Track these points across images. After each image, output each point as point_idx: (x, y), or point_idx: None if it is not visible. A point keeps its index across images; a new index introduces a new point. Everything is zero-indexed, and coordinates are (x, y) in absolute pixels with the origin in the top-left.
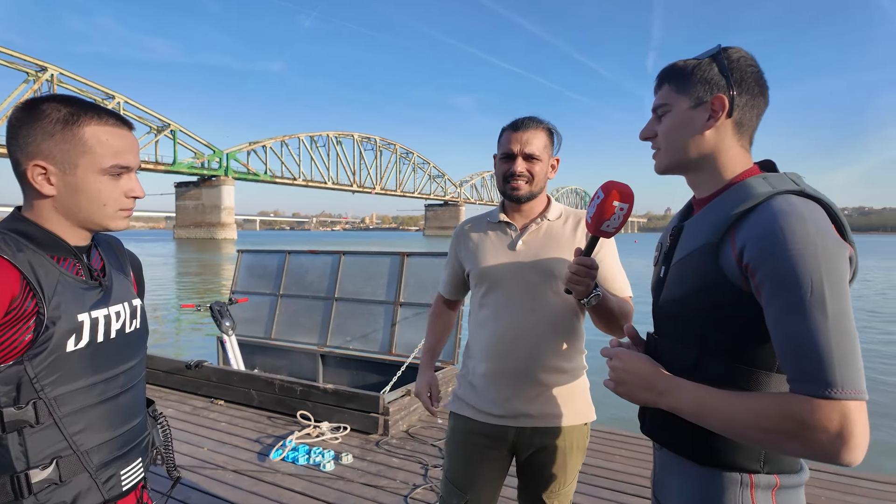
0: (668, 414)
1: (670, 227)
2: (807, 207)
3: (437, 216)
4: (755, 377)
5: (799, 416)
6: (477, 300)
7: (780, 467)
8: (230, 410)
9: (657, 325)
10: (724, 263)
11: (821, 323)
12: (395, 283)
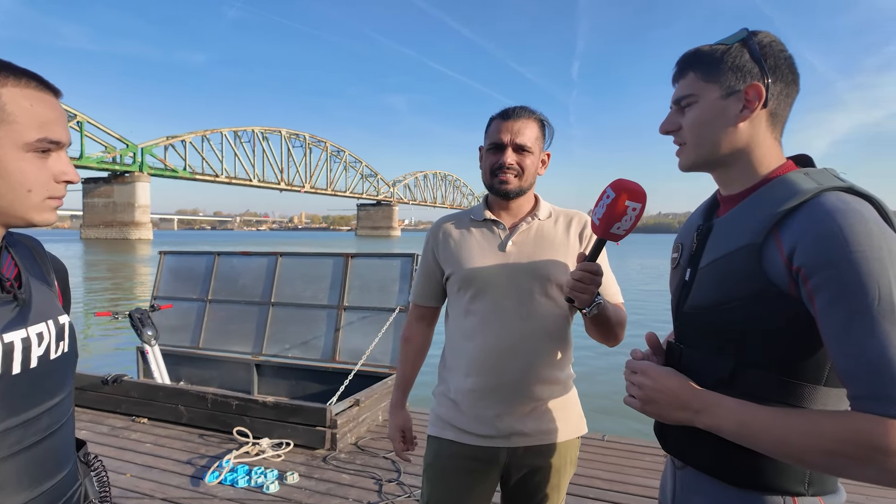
0: (697, 429)
1: (694, 225)
2: (862, 206)
3: (369, 216)
4: (800, 391)
5: (870, 439)
6: (461, 307)
7: (823, 489)
8: (155, 429)
9: (682, 333)
10: (770, 267)
11: (891, 334)
12: (338, 285)
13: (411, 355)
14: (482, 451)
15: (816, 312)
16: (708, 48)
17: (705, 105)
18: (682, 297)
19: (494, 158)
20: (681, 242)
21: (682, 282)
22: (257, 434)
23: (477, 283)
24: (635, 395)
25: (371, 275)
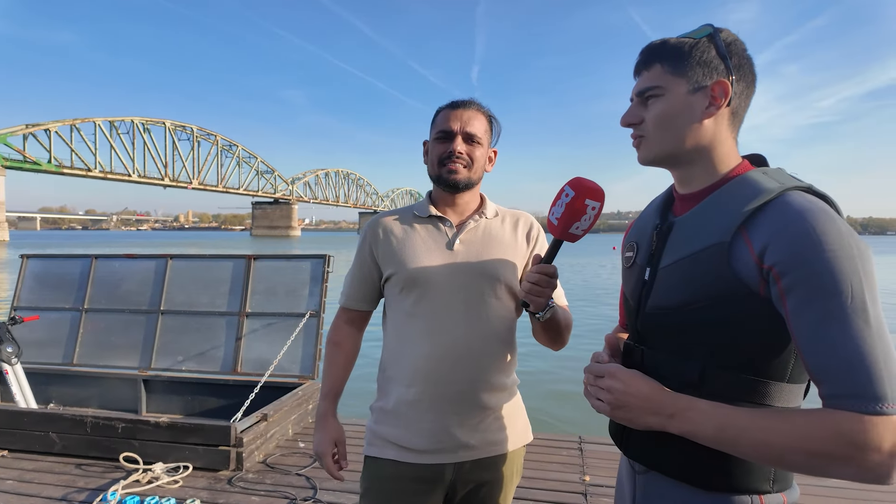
0: (663, 433)
1: (650, 223)
2: (826, 205)
3: (266, 215)
4: (765, 389)
5: (850, 436)
6: (403, 310)
7: (785, 485)
8: (20, 462)
9: (643, 334)
10: (739, 266)
11: (864, 331)
12: (239, 290)
13: (341, 360)
14: (427, 470)
15: (788, 312)
16: (676, 41)
17: (672, 98)
18: (643, 297)
19: (443, 147)
20: (635, 241)
21: (642, 282)
22: (148, 459)
23: (422, 283)
24: (604, 400)
25: (278, 278)
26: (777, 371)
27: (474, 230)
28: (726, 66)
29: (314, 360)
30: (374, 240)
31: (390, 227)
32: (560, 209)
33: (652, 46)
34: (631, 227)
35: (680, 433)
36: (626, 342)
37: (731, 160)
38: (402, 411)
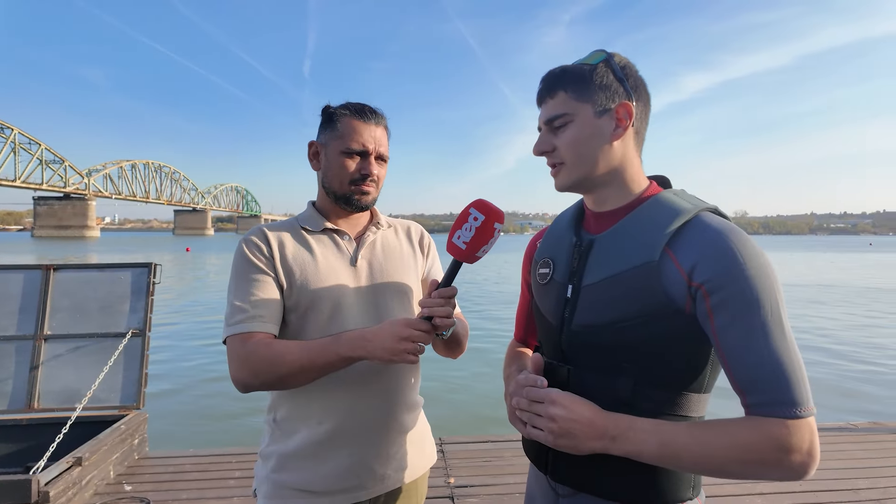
0: (595, 456)
1: (566, 240)
2: (735, 225)
3: (53, 212)
4: (687, 401)
5: (779, 440)
6: (307, 336)
7: (699, 489)
8: None
9: (569, 353)
10: (668, 284)
11: (783, 344)
12: (33, 308)
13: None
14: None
15: (715, 327)
16: (575, 67)
17: (581, 124)
18: (567, 315)
19: (355, 166)
20: (550, 258)
21: (564, 299)
22: None
23: (329, 304)
24: (545, 429)
25: (88, 292)
26: (697, 384)
27: (373, 243)
28: (625, 88)
29: (139, 386)
30: (269, 251)
31: (282, 241)
32: (469, 233)
33: (553, 74)
34: (538, 241)
35: (623, 454)
36: (547, 361)
37: (641, 180)
38: (311, 452)
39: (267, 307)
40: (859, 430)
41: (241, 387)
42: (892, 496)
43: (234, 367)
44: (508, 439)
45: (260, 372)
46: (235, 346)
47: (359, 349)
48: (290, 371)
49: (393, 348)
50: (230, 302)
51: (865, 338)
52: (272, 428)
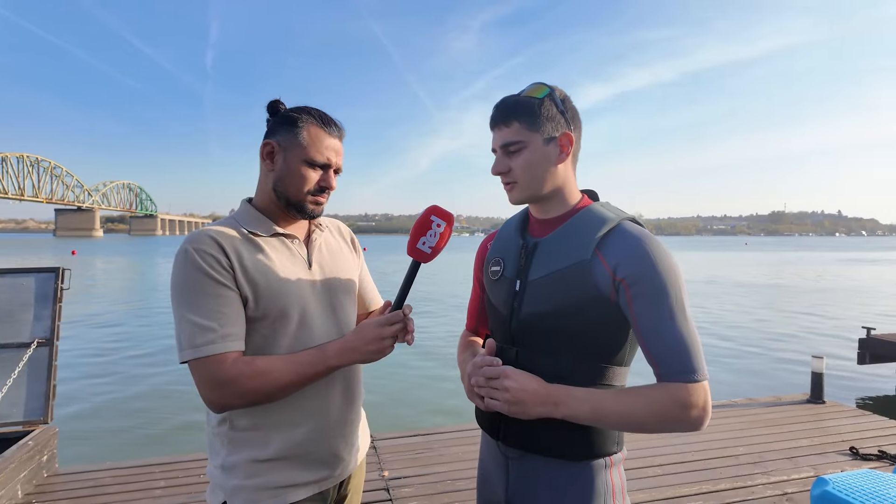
0: (541, 422)
1: (514, 242)
2: (648, 231)
3: None
4: (612, 373)
5: (683, 400)
6: (277, 345)
7: (622, 445)
8: None
9: (517, 337)
10: (598, 278)
11: (684, 325)
12: None
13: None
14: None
15: (634, 313)
16: (525, 100)
17: (532, 150)
18: (516, 305)
19: (315, 177)
20: (501, 258)
21: (513, 292)
22: None
23: (297, 312)
24: (500, 399)
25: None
26: (619, 358)
27: (321, 246)
28: (566, 119)
29: (47, 399)
30: (229, 264)
31: (237, 248)
32: (434, 239)
33: (508, 106)
34: (488, 244)
35: (563, 417)
36: (499, 345)
37: (576, 193)
38: (291, 454)
39: (234, 324)
40: (738, 405)
41: (218, 408)
42: (765, 459)
43: (209, 389)
44: (437, 432)
45: (247, 393)
46: (211, 369)
47: (348, 358)
48: (277, 388)
49: (380, 349)
50: (188, 320)
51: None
52: (230, 437)
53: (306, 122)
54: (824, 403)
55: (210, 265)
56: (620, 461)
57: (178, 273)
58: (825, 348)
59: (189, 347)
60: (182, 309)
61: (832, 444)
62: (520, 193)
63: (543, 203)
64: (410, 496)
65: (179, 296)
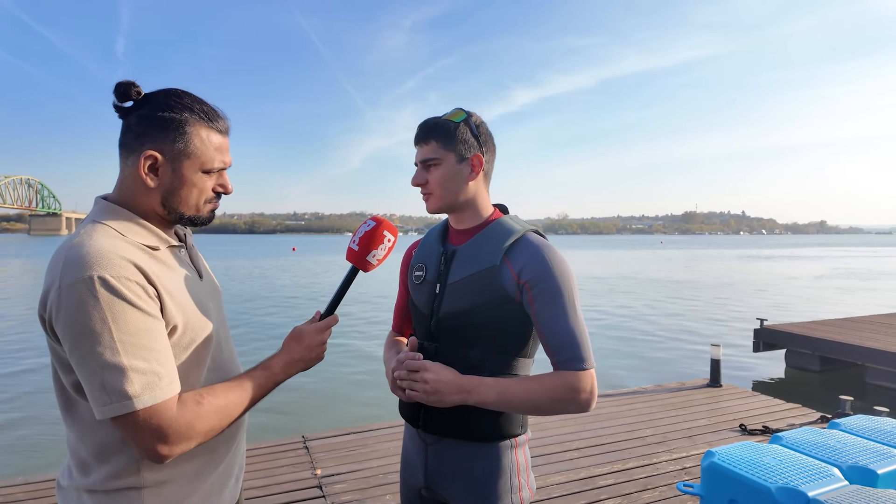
0: (456, 409)
1: (435, 250)
2: (548, 241)
3: None
4: (517, 363)
5: (574, 385)
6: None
7: (525, 428)
8: None
9: (436, 334)
10: (505, 281)
11: (575, 321)
12: None
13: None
14: None
15: (535, 310)
16: (444, 123)
17: (447, 167)
18: (436, 306)
19: (216, 183)
20: (423, 263)
21: (434, 294)
22: None
23: (215, 329)
24: (419, 390)
25: None
26: (524, 351)
27: (193, 251)
28: (478, 143)
29: None
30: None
31: (154, 271)
32: (384, 252)
33: (428, 127)
34: (413, 251)
35: (475, 403)
36: (420, 342)
37: (488, 207)
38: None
39: (170, 360)
40: (647, 391)
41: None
42: (668, 438)
43: (157, 441)
44: (370, 428)
45: (202, 435)
46: (159, 419)
47: (294, 370)
48: (231, 421)
49: (320, 354)
50: (116, 365)
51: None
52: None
53: (192, 123)
54: (721, 387)
55: (138, 295)
56: (525, 442)
57: (93, 308)
58: (727, 338)
59: (124, 398)
60: (105, 353)
61: (726, 423)
62: (435, 203)
63: (458, 214)
64: (343, 492)
65: (97, 336)
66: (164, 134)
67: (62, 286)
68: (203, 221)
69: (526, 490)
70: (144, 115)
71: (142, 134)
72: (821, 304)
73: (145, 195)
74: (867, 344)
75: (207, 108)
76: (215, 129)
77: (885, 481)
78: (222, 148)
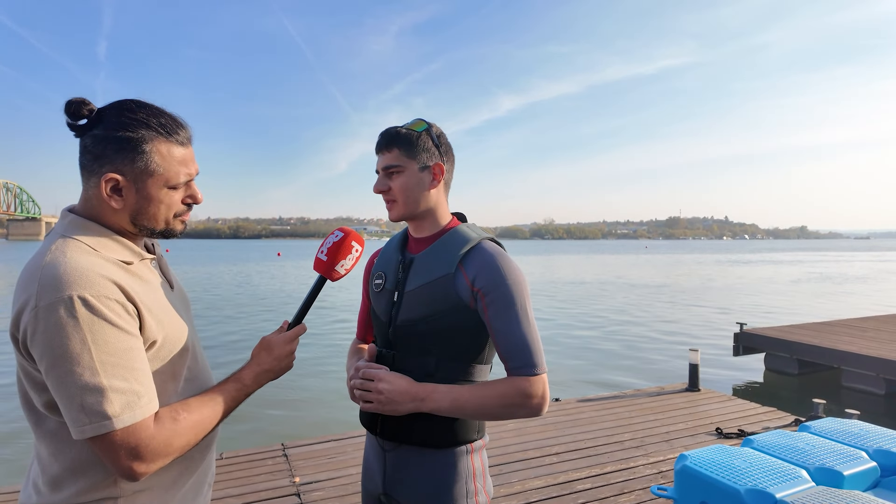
0: (412, 416)
1: (394, 259)
2: (502, 250)
3: None
4: (473, 370)
5: (525, 391)
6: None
7: (482, 433)
8: None
9: (394, 342)
10: (460, 289)
11: (528, 328)
12: None
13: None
14: None
15: (489, 318)
16: (405, 132)
17: (409, 175)
18: (393, 313)
19: (185, 195)
20: (383, 272)
21: (392, 302)
22: None
23: (190, 341)
24: (374, 400)
25: None
26: (480, 357)
27: (163, 262)
28: (440, 152)
29: None
30: (136, 310)
31: (130, 285)
32: (351, 262)
33: (391, 135)
34: (374, 260)
35: (429, 411)
36: (379, 349)
37: (447, 215)
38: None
39: (150, 378)
40: (626, 396)
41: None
42: (646, 443)
43: (134, 460)
44: (350, 436)
45: (178, 450)
46: (137, 437)
47: (264, 379)
48: (206, 433)
49: (289, 364)
50: (95, 385)
51: (640, 321)
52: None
53: (150, 140)
54: (699, 391)
55: (118, 314)
56: (481, 447)
57: (73, 329)
58: (709, 341)
59: (104, 419)
60: (84, 374)
61: (702, 427)
62: (398, 211)
63: (418, 222)
64: (321, 499)
65: (76, 357)
66: (122, 155)
67: (39, 307)
68: (176, 234)
69: (482, 495)
70: (100, 135)
71: (100, 156)
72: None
73: (112, 214)
74: (843, 347)
75: (165, 119)
76: (175, 142)
77: (851, 482)
78: (186, 160)
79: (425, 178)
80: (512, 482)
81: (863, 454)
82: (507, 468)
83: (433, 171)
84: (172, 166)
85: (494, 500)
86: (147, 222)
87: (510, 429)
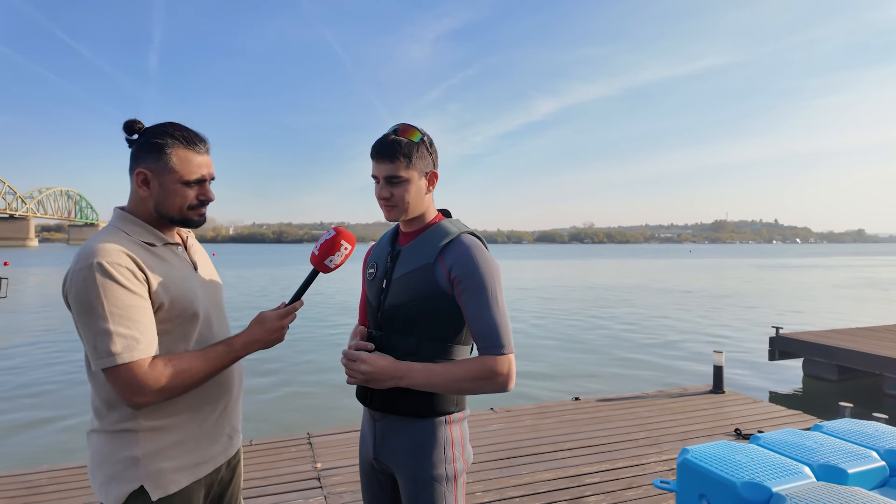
0: (396, 390)
1: (385, 250)
2: (479, 242)
3: None
4: (451, 349)
5: (492, 368)
6: (182, 341)
7: (461, 406)
8: None
9: (382, 324)
10: (438, 277)
11: (497, 312)
12: None
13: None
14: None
15: (463, 302)
16: (407, 142)
17: (412, 184)
18: (382, 299)
19: (197, 193)
20: (375, 262)
21: (381, 289)
22: None
23: (203, 311)
24: (357, 377)
25: None
26: (457, 338)
27: (194, 248)
28: (433, 160)
29: None
30: (144, 276)
31: (146, 261)
32: (340, 258)
33: (391, 145)
34: (370, 252)
35: (407, 386)
36: (369, 331)
37: (433, 212)
38: (202, 434)
39: (148, 330)
40: (648, 396)
41: (138, 407)
42: (660, 441)
43: (132, 392)
44: None
45: (168, 391)
46: (133, 374)
47: (253, 348)
48: (194, 383)
49: (279, 337)
50: (105, 330)
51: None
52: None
53: (172, 146)
54: (724, 393)
55: (126, 277)
56: (460, 419)
57: (91, 286)
58: (747, 345)
59: (109, 355)
60: (98, 320)
61: (722, 428)
62: (397, 215)
63: (411, 220)
64: (339, 483)
65: (94, 308)
66: (150, 156)
67: (73, 270)
68: (194, 224)
69: (460, 462)
70: (140, 142)
71: (137, 157)
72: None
73: (143, 203)
74: (885, 353)
75: (187, 133)
76: (192, 150)
77: (856, 480)
78: (200, 164)
79: (423, 185)
80: (522, 474)
81: (872, 454)
82: (519, 461)
83: (429, 179)
84: (186, 168)
85: (501, 490)
86: (165, 210)
87: (526, 424)
